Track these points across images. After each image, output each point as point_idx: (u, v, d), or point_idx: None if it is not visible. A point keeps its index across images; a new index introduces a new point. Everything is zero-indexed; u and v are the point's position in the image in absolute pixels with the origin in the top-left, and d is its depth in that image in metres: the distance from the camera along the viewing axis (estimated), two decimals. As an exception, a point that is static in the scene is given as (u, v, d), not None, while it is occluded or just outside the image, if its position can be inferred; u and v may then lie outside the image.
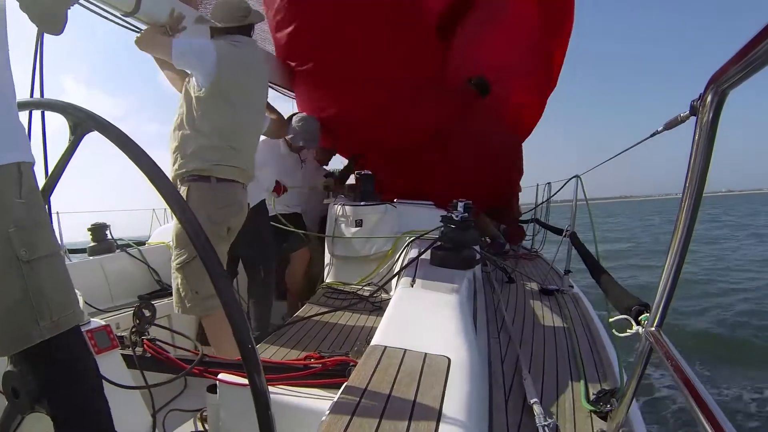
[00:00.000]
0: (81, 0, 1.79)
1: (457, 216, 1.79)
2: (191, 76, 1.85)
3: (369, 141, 3.19)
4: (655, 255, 13.22)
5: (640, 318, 0.88)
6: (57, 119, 1.02)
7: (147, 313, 1.51)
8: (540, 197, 4.50)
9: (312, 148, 3.24)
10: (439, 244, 1.83)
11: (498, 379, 1.39)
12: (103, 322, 1.28)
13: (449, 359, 0.93)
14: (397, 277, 1.98)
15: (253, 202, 2.39)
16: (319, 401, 1.13)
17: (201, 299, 1.82)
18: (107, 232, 2.85)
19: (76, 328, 0.86)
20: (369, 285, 2.52)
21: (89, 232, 2.85)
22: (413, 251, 2.00)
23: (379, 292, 2.24)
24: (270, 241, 2.53)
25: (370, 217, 2.67)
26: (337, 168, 3.72)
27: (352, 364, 1.14)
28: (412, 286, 1.47)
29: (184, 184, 1.81)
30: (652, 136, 1.09)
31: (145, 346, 1.45)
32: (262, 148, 3.07)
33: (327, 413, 0.73)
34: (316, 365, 1.23)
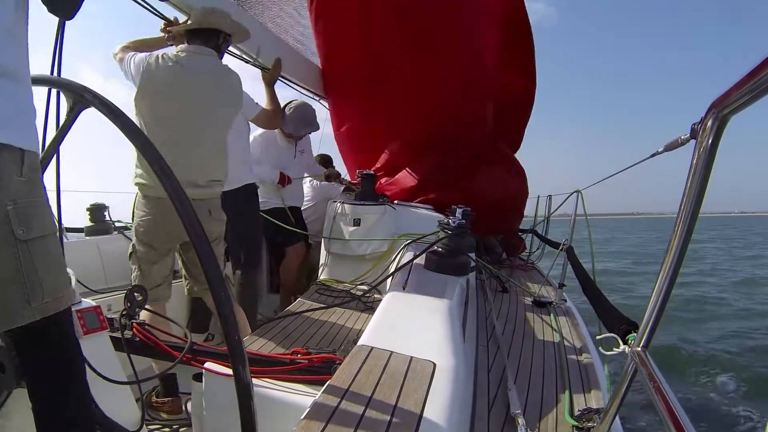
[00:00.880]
0: None
1: (454, 222, 1.79)
2: None
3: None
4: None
5: (627, 337, 0.88)
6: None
7: (138, 296, 1.51)
8: (540, 209, 4.50)
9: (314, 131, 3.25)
10: (434, 248, 1.83)
11: (483, 388, 1.39)
12: (93, 303, 1.28)
13: (435, 364, 0.93)
14: (390, 278, 1.98)
15: (234, 186, 2.41)
16: (302, 397, 1.13)
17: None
18: (105, 213, 2.86)
19: (67, 310, 0.86)
20: (362, 284, 2.52)
21: (87, 212, 2.85)
22: (408, 254, 2.00)
23: (371, 293, 2.24)
24: (253, 225, 2.54)
25: (368, 217, 2.67)
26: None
27: (338, 362, 1.14)
28: (404, 289, 1.47)
29: None
30: (652, 156, 1.09)
31: (134, 329, 1.45)
32: (258, 141, 3.09)
33: (307, 410, 0.73)
34: (302, 361, 1.23)
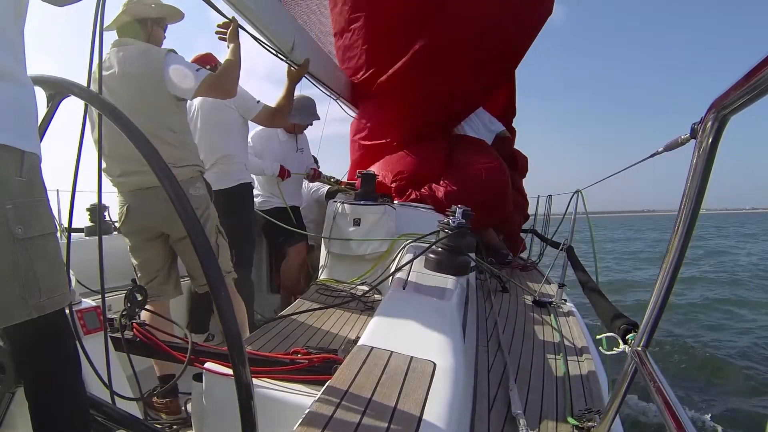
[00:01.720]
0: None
1: (454, 222, 1.79)
2: None
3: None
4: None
5: (627, 337, 0.88)
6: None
7: (138, 297, 1.52)
8: (541, 209, 4.50)
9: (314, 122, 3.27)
10: (434, 248, 1.83)
11: (483, 388, 1.39)
12: (93, 303, 1.29)
13: (435, 364, 0.93)
14: (390, 278, 1.98)
15: (228, 184, 2.43)
16: (302, 397, 1.13)
17: None
18: (105, 214, 2.86)
19: (63, 310, 0.86)
20: (362, 284, 2.52)
21: (87, 213, 2.86)
22: (408, 254, 2.00)
23: (371, 293, 2.24)
24: (247, 224, 2.54)
25: (368, 216, 2.67)
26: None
27: (338, 362, 1.14)
28: (404, 289, 1.47)
29: None
30: (652, 156, 1.09)
31: (134, 330, 1.45)
32: (260, 135, 3.10)
33: (307, 410, 0.73)
34: (302, 361, 1.23)
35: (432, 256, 1.80)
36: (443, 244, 1.80)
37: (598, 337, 1.01)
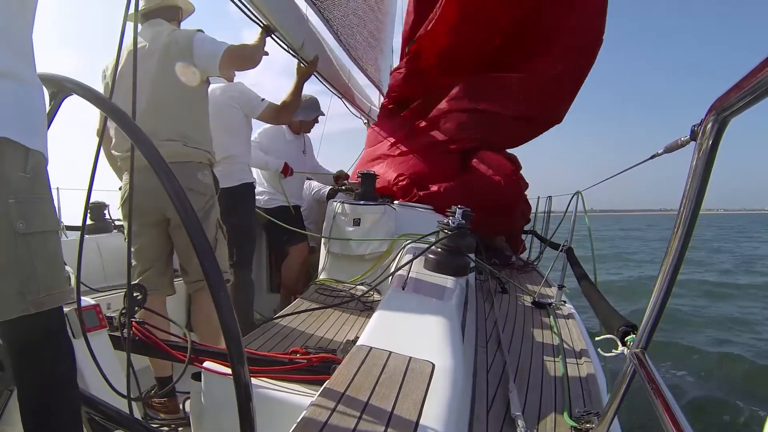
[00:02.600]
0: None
1: (454, 222, 1.79)
2: None
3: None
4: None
5: (626, 339, 0.88)
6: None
7: (138, 295, 1.52)
8: (541, 209, 4.50)
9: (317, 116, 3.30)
10: (434, 249, 1.83)
11: (482, 389, 1.39)
12: (92, 301, 1.29)
13: (433, 365, 0.93)
14: (390, 278, 1.98)
15: (231, 183, 2.43)
16: (301, 396, 1.13)
17: None
18: (105, 212, 2.86)
19: (59, 308, 0.86)
20: (362, 284, 2.52)
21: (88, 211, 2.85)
22: (408, 254, 2.00)
23: (371, 293, 2.24)
24: (248, 224, 2.54)
25: (368, 217, 2.67)
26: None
27: (337, 362, 1.14)
28: (404, 289, 1.47)
29: None
30: (652, 158, 1.09)
31: (133, 328, 1.45)
32: (267, 132, 3.12)
33: (306, 410, 0.73)
34: (301, 360, 1.23)
35: (431, 256, 1.80)
36: (443, 245, 1.80)
37: (597, 338, 1.01)
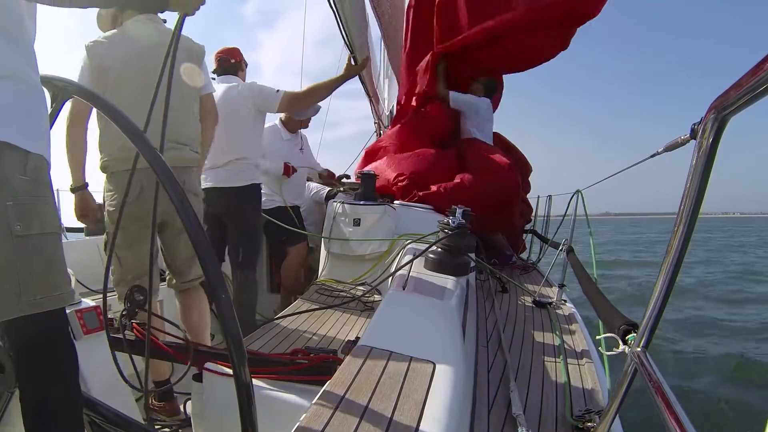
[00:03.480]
0: None
1: (454, 222, 1.79)
2: None
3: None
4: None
5: (627, 337, 0.88)
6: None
7: (138, 297, 1.52)
8: (541, 209, 4.50)
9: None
10: (434, 248, 1.83)
11: (483, 388, 1.39)
12: (93, 303, 1.29)
13: (434, 365, 0.93)
14: (390, 278, 1.98)
15: (241, 183, 2.44)
16: (302, 397, 1.13)
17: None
18: (105, 213, 2.86)
19: (61, 310, 0.86)
20: (362, 285, 2.52)
21: (87, 211, 2.85)
22: (408, 254, 2.00)
23: (371, 293, 2.24)
24: (254, 224, 2.55)
25: (368, 217, 2.67)
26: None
27: (337, 362, 1.14)
28: (404, 289, 1.47)
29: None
30: (652, 156, 1.09)
31: (134, 330, 1.45)
32: (264, 134, 3.12)
33: (307, 410, 0.73)
34: (302, 361, 1.23)
35: (432, 256, 1.80)
36: (443, 245, 1.80)
37: (598, 337, 1.01)
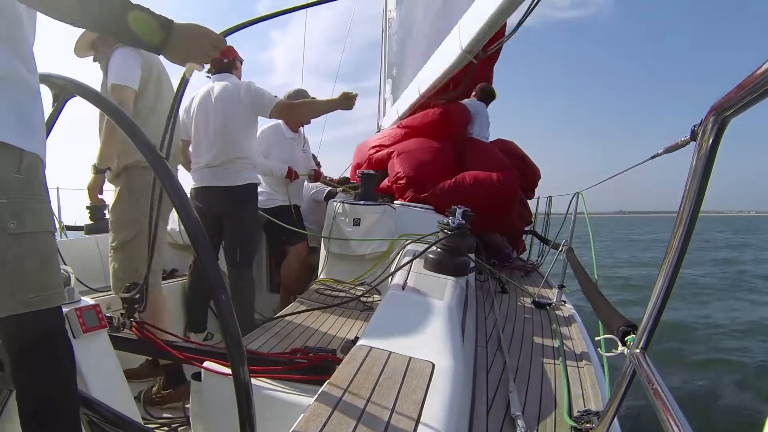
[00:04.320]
0: None
1: (454, 222, 1.79)
2: None
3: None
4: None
5: (626, 339, 0.88)
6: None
7: (138, 302, 1.52)
8: (541, 210, 4.50)
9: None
10: (434, 249, 1.83)
11: (482, 389, 1.39)
12: (92, 301, 1.29)
13: (433, 365, 0.93)
14: (390, 278, 1.98)
15: (239, 182, 2.45)
16: (301, 396, 1.13)
17: (141, 277, 1.86)
18: (105, 212, 2.86)
19: (56, 309, 0.86)
20: (362, 284, 2.52)
21: (87, 211, 2.86)
22: (408, 254, 2.00)
23: (371, 293, 2.24)
24: (252, 223, 2.55)
25: (368, 216, 2.67)
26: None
27: (337, 362, 1.14)
28: (404, 289, 1.47)
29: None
30: (652, 158, 1.09)
31: (133, 329, 1.45)
32: (266, 134, 3.11)
33: (306, 410, 0.73)
34: (301, 360, 1.23)
35: (431, 256, 1.80)
36: (443, 245, 1.80)
37: (597, 338, 1.01)
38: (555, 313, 2.33)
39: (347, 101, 2.54)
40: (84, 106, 1.15)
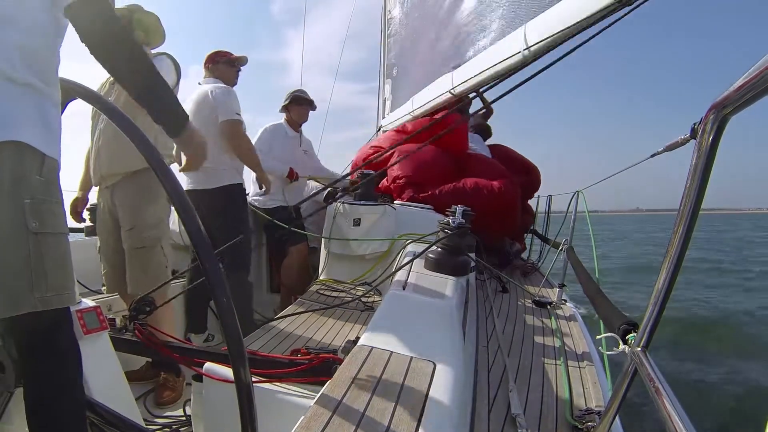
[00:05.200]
0: None
1: (454, 222, 1.78)
2: None
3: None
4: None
5: (627, 337, 0.88)
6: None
7: (147, 308, 1.53)
8: (541, 209, 4.50)
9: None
10: (434, 248, 1.83)
11: (483, 388, 1.39)
12: (93, 303, 1.28)
13: (434, 364, 0.93)
14: (390, 278, 1.97)
15: (215, 185, 2.46)
16: (302, 397, 1.13)
17: (167, 276, 1.97)
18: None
19: (67, 309, 0.88)
20: (362, 285, 2.52)
21: (87, 213, 2.85)
22: (408, 254, 2.00)
23: (371, 293, 2.24)
24: (236, 226, 2.52)
25: (368, 217, 2.67)
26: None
27: (337, 362, 1.14)
28: (404, 289, 1.47)
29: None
30: (652, 156, 1.09)
31: (136, 331, 1.45)
32: (269, 130, 3.12)
33: (307, 410, 0.73)
34: (302, 361, 1.23)
35: (432, 256, 1.79)
36: (443, 244, 1.80)
37: (598, 337, 1.01)
38: (556, 312, 2.33)
39: (265, 183, 2.64)
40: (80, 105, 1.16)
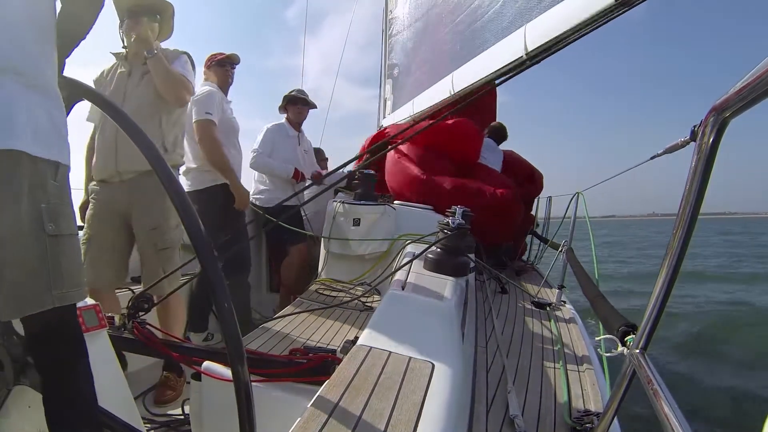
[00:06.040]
0: None
1: (454, 222, 1.78)
2: None
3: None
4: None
5: (626, 339, 0.88)
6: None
7: (145, 305, 1.53)
8: (541, 211, 4.51)
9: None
10: (433, 249, 1.83)
11: (481, 389, 1.39)
12: (92, 301, 1.28)
13: (433, 365, 0.93)
14: (390, 278, 1.98)
15: (202, 186, 2.51)
16: (300, 397, 1.13)
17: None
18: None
19: (75, 305, 0.94)
20: (362, 284, 2.52)
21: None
22: (408, 254, 2.00)
23: (371, 293, 2.24)
24: (223, 225, 2.56)
25: (368, 216, 2.67)
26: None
27: (336, 362, 1.14)
28: (404, 289, 1.47)
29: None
30: (652, 159, 1.09)
31: (134, 330, 1.45)
32: (271, 130, 3.12)
33: (305, 410, 0.73)
34: (301, 360, 1.23)
35: (431, 256, 1.79)
36: (443, 245, 1.80)
37: (597, 338, 1.01)
38: (555, 313, 2.33)
39: (241, 200, 2.62)
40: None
